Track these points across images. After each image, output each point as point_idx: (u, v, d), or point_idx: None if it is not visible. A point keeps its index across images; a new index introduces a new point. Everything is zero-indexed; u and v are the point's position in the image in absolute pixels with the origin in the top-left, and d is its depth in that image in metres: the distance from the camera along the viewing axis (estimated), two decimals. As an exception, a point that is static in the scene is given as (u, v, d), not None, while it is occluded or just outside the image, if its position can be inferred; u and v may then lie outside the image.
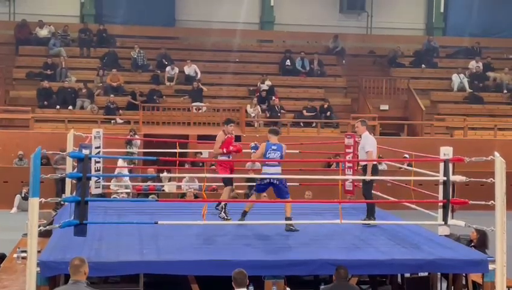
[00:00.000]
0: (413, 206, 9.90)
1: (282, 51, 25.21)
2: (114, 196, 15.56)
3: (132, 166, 17.03)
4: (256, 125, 21.35)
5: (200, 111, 21.56)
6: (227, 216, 9.83)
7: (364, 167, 9.93)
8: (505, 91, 24.51)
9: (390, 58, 25.78)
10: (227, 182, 10.10)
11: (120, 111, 21.34)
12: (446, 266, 8.01)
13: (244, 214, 9.48)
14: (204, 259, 7.66)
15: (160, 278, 8.11)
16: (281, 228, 9.28)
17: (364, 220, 9.65)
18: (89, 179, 7.73)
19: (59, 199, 8.36)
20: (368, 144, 10.07)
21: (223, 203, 9.96)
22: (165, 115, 20.66)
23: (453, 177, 8.30)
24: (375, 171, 9.93)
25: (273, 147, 9.63)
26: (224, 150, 10.13)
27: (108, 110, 21.10)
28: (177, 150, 12.30)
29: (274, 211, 9.82)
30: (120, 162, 15.91)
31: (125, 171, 16.02)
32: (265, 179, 9.49)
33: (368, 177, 9.72)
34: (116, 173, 14.58)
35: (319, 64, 24.64)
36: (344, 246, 8.60)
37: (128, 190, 16.25)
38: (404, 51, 26.16)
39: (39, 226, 7.18)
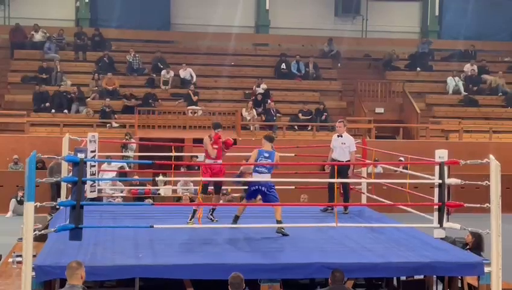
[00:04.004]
0: (408, 209, 9.91)
1: (277, 55, 25.25)
2: (109, 199, 15.53)
3: (121, 170, 17.03)
4: (251, 129, 21.36)
5: (196, 115, 21.55)
6: (214, 219, 9.85)
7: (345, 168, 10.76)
8: (500, 94, 24.57)
9: (385, 61, 25.83)
10: (217, 189, 10.04)
11: (115, 115, 21.32)
12: (442, 269, 8.01)
13: (236, 219, 9.43)
14: (200, 263, 7.65)
15: (156, 282, 8.10)
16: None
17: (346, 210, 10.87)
18: (84, 183, 7.72)
19: (54, 203, 8.34)
20: (353, 144, 11.00)
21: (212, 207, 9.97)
22: (160, 118, 20.65)
23: (449, 180, 8.30)
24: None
25: (265, 155, 9.40)
26: (216, 146, 9.72)
27: (104, 114, 21.08)
28: (173, 154, 12.30)
29: (270, 215, 9.82)
30: (107, 166, 15.99)
31: (113, 175, 16.06)
32: (254, 185, 9.35)
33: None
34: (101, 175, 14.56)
35: (314, 67, 24.67)
36: (340, 249, 8.59)
37: (124, 194, 16.23)
38: (399, 54, 26.22)
39: (34, 231, 7.16)
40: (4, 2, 25.25)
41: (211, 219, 9.86)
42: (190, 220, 9.65)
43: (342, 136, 11.12)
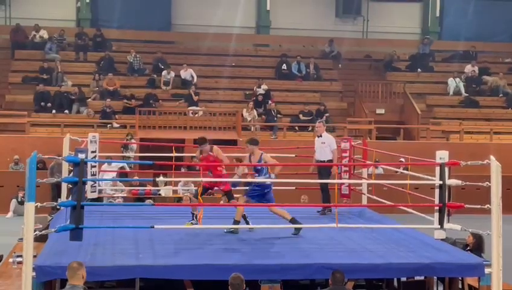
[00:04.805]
0: (409, 210, 9.91)
1: (278, 55, 25.25)
2: (110, 200, 15.53)
3: (121, 170, 17.03)
4: (252, 130, 21.36)
5: (196, 115, 21.55)
6: (250, 222, 9.60)
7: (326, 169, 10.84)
8: (501, 95, 24.56)
9: (386, 62, 25.83)
10: (229, 197, 9.94)
11: (116, 115, 21.32)
12: (442, 270, 8.00)
13: (236, 224, 9.37)
14: (201, 263, 7.65)
15: (156, 283, 8.09)
16: (278, 232, 9.28)
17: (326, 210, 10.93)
18: (84, 183, 7.71)
19: (55, 204, 8.34)
20: (333, 142, 11.20)
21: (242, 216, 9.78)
22: (161, 119, 20.64)
23: (449, 181, 8.30)
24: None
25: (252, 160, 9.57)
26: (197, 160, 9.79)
27: (105, 114, 21.08)
28: (173, 154, 12.30)
29: (271, 215, 9.82)
30: (107, 166, 15.99)
31: (113, 175, 16.05)
32: (255, 190, 9.40)
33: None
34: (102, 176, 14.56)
35: (315, 68, 24.67)
36: (340, 250, 8.60)
37: (125, 194, 16.22)
38: (400, 55, 26.22)
39: (35, 231, 7.16)
40: (5, 2, 25.27)
41: (247, 221, 9.61)
42: (194, 221, 9.62)
43: (321, 136, 11.24)
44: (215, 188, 9.76)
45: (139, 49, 24.23)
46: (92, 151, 10.84)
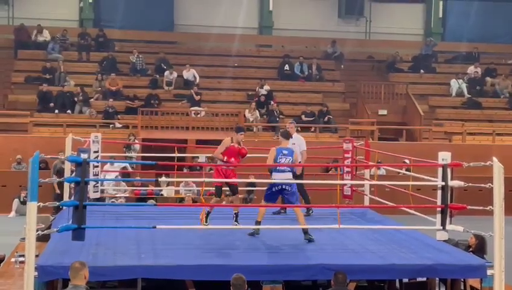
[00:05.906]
0: (411, 211, 9.91)
1: (280, 56, 25.24)
2: (112, 200, 15.53)
3: (123, 170, 17.06)
4: (254, 130, 21.35)
5: (199, 116, 21.56)
6: (238, 223, 9.60)
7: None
8: (503, 96, 24.54)
9: (388, 63, 25.82)
10: (234, 190, 9.92)
11: (118, 115, 21.34)
12: (444, 271, 8.00)
13: (257, 224, 9.25)
14: (202, 264, 7.66)
15: (158, 283, 8.10)
16: (279, 233, 9.28)
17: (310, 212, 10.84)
18: (87, 183, 7.72)
19: (57, 203, 8.34)
20: (303, 143, 11.18)
21: (235, 212, 9.75)
22: (163, 119, 20.65)
23: (452, 183, 8.29)
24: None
25: (284, 152, 9.27)
26: (225, 158, 9.61)
27: (107, 114, 21.10)
28: (176, 155, 12.31)
29: (272, 216, 9.82)
30: (109, 166, 16.00)
31: (116, 175, 16.06)
32: (277, 185, 9.10)
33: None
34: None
35: (317, 69, 24.67)
36: (342, 251, 8.60)
37: (127, 195, 16.23)
38: (402, 56, 26.21)
39: (37, 231, 7.17)
40: (8, 2, 25.31)
41: (236, 224, 9.59)
42: (206, 222, 9.52)
43: (292, 137, 11.05)
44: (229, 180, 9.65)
45: (141, 50, 24.25)
46: (95, 151, 10.86)
